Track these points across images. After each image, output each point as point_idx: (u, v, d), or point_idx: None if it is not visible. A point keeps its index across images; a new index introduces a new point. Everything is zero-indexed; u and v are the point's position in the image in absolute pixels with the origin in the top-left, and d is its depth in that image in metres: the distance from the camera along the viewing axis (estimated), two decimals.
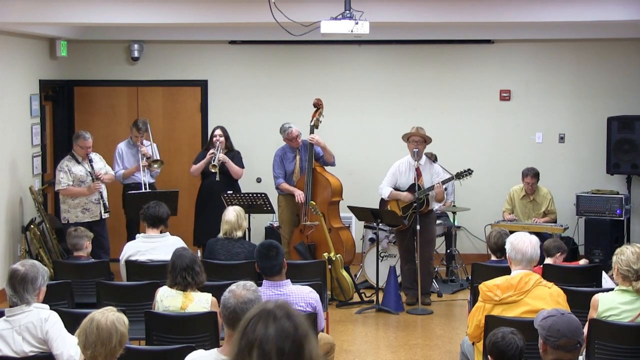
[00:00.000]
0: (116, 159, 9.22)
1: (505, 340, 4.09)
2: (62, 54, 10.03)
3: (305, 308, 5.11)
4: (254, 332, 2.29)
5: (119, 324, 3.76)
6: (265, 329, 2.27)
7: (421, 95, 10.48)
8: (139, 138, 9.17)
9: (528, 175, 9.21)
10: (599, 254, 9.47)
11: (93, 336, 3.71)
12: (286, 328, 2.28)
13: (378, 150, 10.24)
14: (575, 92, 10.37)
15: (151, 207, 6.79)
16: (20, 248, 9.09)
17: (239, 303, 3.48)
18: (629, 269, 4.93)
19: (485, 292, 5.01)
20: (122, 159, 9.21)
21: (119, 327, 3.75)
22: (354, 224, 9.79)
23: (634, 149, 9.64)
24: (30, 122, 9.46)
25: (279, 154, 9.07)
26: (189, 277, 5.23)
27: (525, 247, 5.03)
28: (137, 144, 9.18)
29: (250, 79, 10.60)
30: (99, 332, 3.71)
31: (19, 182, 9.15)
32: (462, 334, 5.71)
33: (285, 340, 2.26)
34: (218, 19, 8.24)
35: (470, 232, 10.32)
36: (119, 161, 9.21)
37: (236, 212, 6.81)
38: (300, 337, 2.27)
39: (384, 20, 7.97)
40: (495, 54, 10.46)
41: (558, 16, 8.07)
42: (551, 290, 4.96)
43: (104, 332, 3.71)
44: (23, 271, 4.54)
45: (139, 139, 9.18)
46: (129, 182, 9.19)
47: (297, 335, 2.27)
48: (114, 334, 3.72)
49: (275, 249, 5.18)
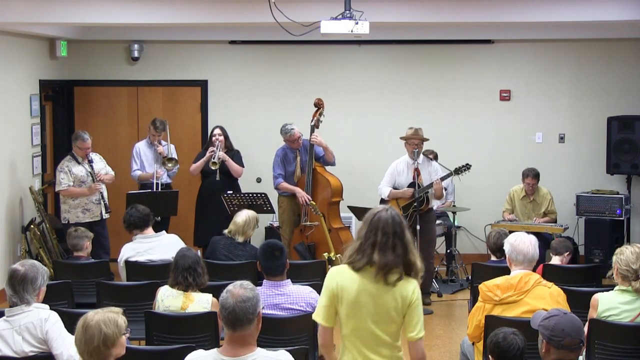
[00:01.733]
0: (133, 157, 9.19)
1: (507, 341, 4.09)
2: (62, 54, 10.03)
3: (306, 308, 5.11)
4: (379, 220, 3.78)
5: (104, 325, 3.69)
6: (384, 218, 3.78)
7: (421, 95, 10.48)
8: (156, 137, 9.15)
9: (529, 176, 9.20)
10: (599, 254, 9.48)
11: (79, 334, 3.71)
12: (395, 217, 3.81)
13: (378, 150, 10.24)
14: (575, 92, 10.37)
15: (130, 214, 6.75)
16: (20, 248, 9.09)
17: (237, 302, 3.47)
18: (628, 268, 4.94)
19: (485, 292, 5.01)
20: (140, 157, 9.19)
21: (103, 329, 3.68)
22: (354, 224, 9.79)
23: (634, 149, 9.64)
24: (30, 122, 9.46)
25: (279, 154, 9.05)
26: (191, 277, 5.23)
27: (526, 248, 5.03)
28: (155, 143, 9.17)
29: (250, 79, 10.60)
30: (84, 331, 3.70)
31: (19, 182, 9.15)
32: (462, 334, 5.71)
33: (396, 225, 3.78)
34: (218, 19, 8.23)
35: (470, 232, 10.32)
36: (136, 159, 9.18)
37: (248, 217, 6.76)
38: (403, 224, 3.82)
39: (384, 20, 7.97)
40: (495, 54, 10.46)
41: (558, 16, 8.07)
42: (551, 290, 4.97)
43: (88, 332, 3.68)
44: (23, 271, 4.54)
45: (155, 138, 9.16)
46: (145, 182, 9.18)
47: (402, 223, 3.82)
48: (97, 334, 3.67)
49: (280, 250, 5.19)
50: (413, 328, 3.77)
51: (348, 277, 3.79)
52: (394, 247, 3.73)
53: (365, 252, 3.75)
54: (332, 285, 3.83)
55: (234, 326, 3.48)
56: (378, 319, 3.76)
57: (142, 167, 9.18)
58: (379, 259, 3.71)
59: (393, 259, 3.72)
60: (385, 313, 3.75)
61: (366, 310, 3.75)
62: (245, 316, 3.46)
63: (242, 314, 3.46)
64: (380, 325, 3.76)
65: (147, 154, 9.21)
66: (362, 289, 3.75)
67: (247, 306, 3.47)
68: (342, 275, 3.82)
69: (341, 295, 3.79)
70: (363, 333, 3.78)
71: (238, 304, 3.46)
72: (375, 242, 3.74)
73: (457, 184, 9.68)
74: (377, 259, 3.71)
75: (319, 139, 8.83)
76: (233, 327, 3.48)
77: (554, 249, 6.72)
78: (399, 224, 3.78)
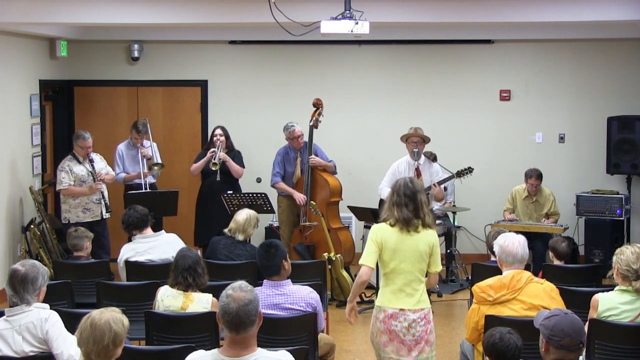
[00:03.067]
0: (116, 161, 9.19)
1: (504, 342, 4.09)
2: (62, 54, 10.03)
3: (306, 308, 5.11)
4: (398, 186, 5.02)
5: (114, 323, 3.73)
6: (400, 184, 5.03)
7: (421, 95, 10.48)
8: (139, 140, 9.15)
9: (532, 177, 9.15)
10: (599, 254, 9.48)
11: (87, 332, 3.71)
12: (409, 183, 5.02)
13: (378, 150, 10.24)
14: (575, 92, 10.37)
15: (129, 215, 6.75)
16: (20, 248, 9.09)
17: (240, 306, 3.40)
18: (628, 268, 4.94)
19: (479, 294, 5.03)
20: (123, 160, 9.19)
21: (113, 327, 3.72)
22: (354, 224, 9.79)
23: (634, 149, 9.64)
24: (30, 122, 9.47)
25: (281, 153, 9.06)
26: (190, 278, 5.23)
27: (515, 249, 5.07)
28: (137, 145, 9.16)
29: (250, 79, 10.60)
30: (92, 330, 3.71)
31: (19, 182, 9.15)
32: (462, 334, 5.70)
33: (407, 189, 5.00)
34: (218, 19, 8.23)
35: (470, 232, 10.32)
36: (119, 162, 9.18)
37: (248, 216, 6.77)
38: (416, 189, 5.01)
39: (384, 20, 7.96)
40: (495, 54, 10.46)
41: (558, 16, 8.07)
42: (544, 286, 5.02)
43: (97, 330, 3.70)
44: (23, 271, 4.54)
45: (139, 141, 9.15)
46: (130, 183, 9.18)
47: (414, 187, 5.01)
48: (107, 332, 3.70)
49: (275, 248, 5.18)
50: (436, 265, 5.08)
51: (387, 231, 5.01)
52: (407, 205, 4.97)
53: (391, 210, 5.02)
54: (376, 238, 5.02)
55: (237, 330, 3.43)
56: (413, 259, 4.99)
57: (125, 169, 9.17)
58: (398, 214, 4.98)
59: (407, 214, 4.96)
60: (418, 255, 4.99)
61: (403, 254, 4.98)
62: (248, 319, 3.43)
63: (246, 317, 3.42)
64: (414, 265, 5.00)
65: (129, 156, 9.19)
66: (398, 239, 4.98)
67: (250, 309, 3.44)
68: (383, 230, 5.03)
69: (385, 245, 4.99)
70: (400, 271, 5.00)
71: (241, 308, 3.41)
72: (394, 203, 5.01)
73: (457, 185, 9.68)
74: (397, 215, 4.97)
75: (317, 159, 8.82)
76: (237, 331, 3.44)
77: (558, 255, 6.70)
78: (410, 188, 5.00)
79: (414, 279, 5.00)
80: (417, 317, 4.99)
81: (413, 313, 4.99)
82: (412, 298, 5.00)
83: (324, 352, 5.58)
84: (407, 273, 5.00)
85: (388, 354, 5.04)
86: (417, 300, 5.00)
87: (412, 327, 4.98)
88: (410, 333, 4.98)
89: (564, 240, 6.83)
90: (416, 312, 4.99)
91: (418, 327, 4.99)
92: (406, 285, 5.00)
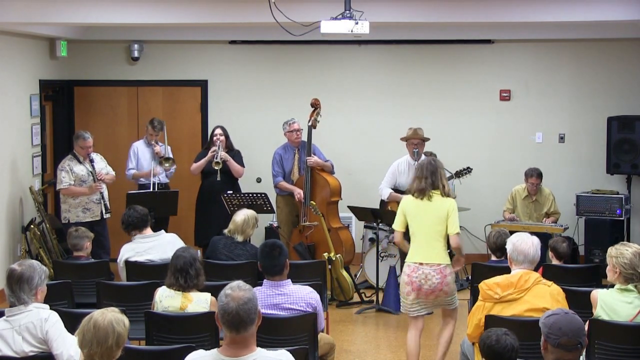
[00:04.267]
0: (130, 157, 9.20)
1: (500, 343, 4.07)
2: (62, 54, 10.03)
3: (306, 308, 5.11)
4: (421, 164, 6.26)
5: (117, 324, 3.73)
6: (422, 162, 6.31)
7: (421, 95, 10.49)
8: (153, 136, 9.16)
9: (532, 176, 9.15)
10: (599, 254, 9.46)
11: (90, 334, 3.71)
12: (432, 161, 6.23)
13: (378, 150, 10.24)
14: (575, 92, 10.37)
15: (128, 215, 6.75)
16: (20, 248, 9.09)
17: (240, 305, 3.41)
18: (633, 272, 4.91)
19: (486, 291, 5.02)
20: (137, 157, 9.19)
21: (117, 328, 3.72)
22: (354, 224, 9.79)
23: (634, 149, 9.64)
24: (30, 122, 9.47)
25: (279, 152, 9.06)
26: (182, 279, 5.20)
27: (527, 248, 5.06)
28: (152, 142, 9.17)
29: (250, 79, 10.60)
30: (95, 331, 3.70)
31: (19, 182, 9.15)
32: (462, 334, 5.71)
33: (427, 165, 6.19)
34: (218, 19, 8.24)
35: (470, 232, 10.32)
36: (132, 159, 9.19)
37: (247, 216, 6.76)
38: (435, 166, 6.18)
39: (384, 20, 7.97)
40: (495, 54, 10.46)
41: (558, 16, 8.07)
42: (551, 288, 5.00)
43: (101, 331, 3.70)
44: (19, 271, 4.54)
45: (153, 137, 9.17)
46: (144, 183, 9.18)
47: (434, 165, 6.18)
48: (110, 333, 3.70)
49: (279, 249, 5.19)
50: (453, 227, 6.10)
51: (409, 200, 6.22)
52: (425, 178, 6.12)
53: (414, 182, 6.21)
54: (402, 206, 6.27)
55: (237, 329, 3.43)
56: (430, 222, 6.11)
57: (139, 166, 9.18)
58: (416, 185, 6.16)
59: (424, 185, 6.11)
60: (437, 219, 6.10)
61: (421, 218, 6.14)
62: (248, 317, 3.43)
63: (246, 316, 3.42)
64: (430, 227, 6.11)
65: (145, 153, 9.21)
66: (417, 206, 6.16)
67: (249, 307, 3.44)
68: (406, 200, 6.27)
69: (407, 212, 6.21)
70: (420, 232, 6.15)
71: (241, 307, 3.41)
72: (417, 176, 6.20)
73: (457, 184, 9.67)
74: (415, 186, 6.17)
75: (315, 159, 8.82)
76: (237, 330, 3.44)
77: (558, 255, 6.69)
78: (430, 164, 6.18)
79: (431, 239, 6.11)
80: (432, 270, 6.10)
81: (430, 267, 6.10)
82: (429, 254, 6.11)
83: (324, 352, 5.59)
84: (425, 234, 6.13)
85: (410, 301, 6.17)
86: (433, 256, 6.11)
87: (429, 278, 6.09)
88: (427, 284, 6.10)
89: (564, 240, 6.82)
90: (432, 266, 6.10)
91: (433, 279, 6.09)
92: (425, 243, 6.12)
